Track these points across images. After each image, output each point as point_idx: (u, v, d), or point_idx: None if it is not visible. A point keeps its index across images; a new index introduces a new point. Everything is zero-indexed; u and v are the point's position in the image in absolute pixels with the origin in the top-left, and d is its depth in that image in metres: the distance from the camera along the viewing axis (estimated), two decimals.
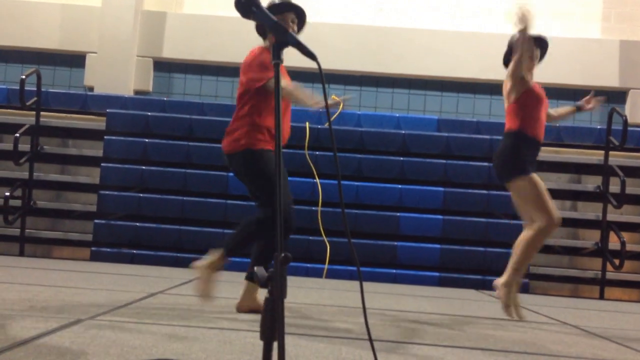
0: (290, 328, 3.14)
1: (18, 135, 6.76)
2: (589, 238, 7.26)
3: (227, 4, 7.99)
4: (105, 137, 7.22)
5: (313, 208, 6.87)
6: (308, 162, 7.01)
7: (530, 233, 4.11)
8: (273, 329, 1.53)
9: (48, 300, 3.55)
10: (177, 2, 8.48)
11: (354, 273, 6.65)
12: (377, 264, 6.79)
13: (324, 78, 1.96)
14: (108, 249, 6.89)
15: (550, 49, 4.41)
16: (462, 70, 8.19)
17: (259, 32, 3.72)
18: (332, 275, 6.68)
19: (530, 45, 4.08)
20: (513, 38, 4.26)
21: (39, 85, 7.22)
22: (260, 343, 1.56)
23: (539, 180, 4.12)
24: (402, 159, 7.14)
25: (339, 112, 7.61)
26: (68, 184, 7.41)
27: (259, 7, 1.98)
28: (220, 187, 7.01)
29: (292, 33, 1.87)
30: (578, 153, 7.47)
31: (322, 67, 1.90)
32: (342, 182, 6.90)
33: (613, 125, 7.17)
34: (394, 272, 6.79)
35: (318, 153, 7.08)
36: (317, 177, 6.96)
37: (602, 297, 6.96)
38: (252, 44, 3.76)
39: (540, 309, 5.01)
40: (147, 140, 7.17)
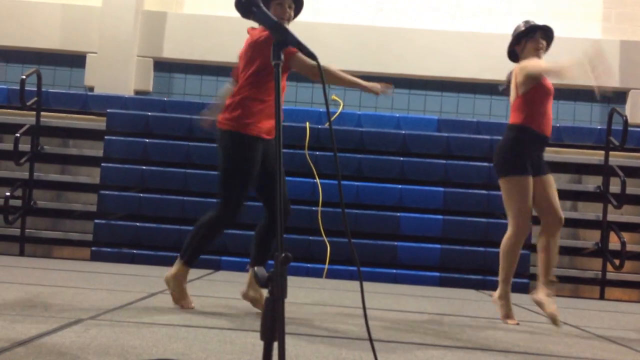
0: (291, 328, 3.14)
1: (18, 135, 6.77)
2: (589, 238, 7.26)
3: (227, 4, 7.97)
4: (106, 137, 7.22)
5: (313, 208, 6.87)
6: (308, 162, 7.00)
7: (507, 246, 4.09)
8: (273, 329, 1.53)
9: (48, 300, 3.55)
10: (177, 2, 8.48)
11: (354, 273, 6.65)
12: (377, 264, 6.79)
13: (324, 78, 1.96)
14: (108, 249, 6.89)
15: (551, 49, 4.40)
16: (462, 71, 8.18)
17: (240, 10, 3.63)
18: (332, 276, 6.67)
19: (568, 72, 3.85)
20: (518, 28, 4.20)
21: (40, 85, 7.23)
22: (261, 343, 1.57)
23: (528, 187, 3.99)
24: (402, 159, 7.14)
25: (339, 112, 7.61)
26: (68, 184, 7.41)
27: (259, 7, 1.98)
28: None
29: (292, 33, 1.87)
30: (578, 153, 7.47)
31: (322, 66, 1.90)
32: (342, 182, 6.89)
33: (613, 126, 7.16)
34: (394, 272, 6.79)
35: (318, 153, 7.08)
36: (317, 177, 6.96)
37: (602, 297, 6.96)
38: None
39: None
40: (147, 140, 7.17)
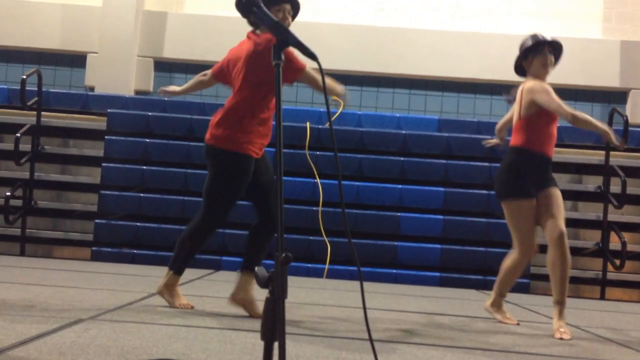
0: (291, 328, 3.14)
1: (19, 135, 6.77)
2: (590, 238, 7.26)
3: (227, 4, 7.98)
4: (106, 137, 7.22)
5: (314, 208, 6.87)
6: (309, 162, 7.01)
7: (509, 263, 4.03)
8: (274, 329, 1.53)
9: (49, 300, 3.56)
10: (177, 2, 8.48)
11: (355, 273, 6.65)
12: (377, 264, 6.79)
13: (325, 78, 1.96)
14: (109, 249, 6.89)
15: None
16: (462, 71, 8.18)
17: (252, 22, 3.57)
18: (332, 276, 6.67)
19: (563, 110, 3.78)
20: (525, 43, 4.12)
21: (40, 85, 7.23)
22: (261, 343, 1.57)
23: (530, 210, 3.86)
24: (402, 159, 7.14)
25: (340, 112, 7.61)
26: (69, 184, 7.41)
27: (260, 7, 1.98)
28: None
29: (292, 33, 1.87)
30: (579, 153, 7.47)
31: (322, 67, 1.90)
32: (342, 182, 6.89)
33: (614, 126, 7.16)
34: (395, 272, 6.79)
35: (319, 153, 7.08)
36: (317, 177, 6.96)
37: (602, 297, 6.96)
38: None
39: (541, 309, 5.01)
40: (147, 140, 7.17)
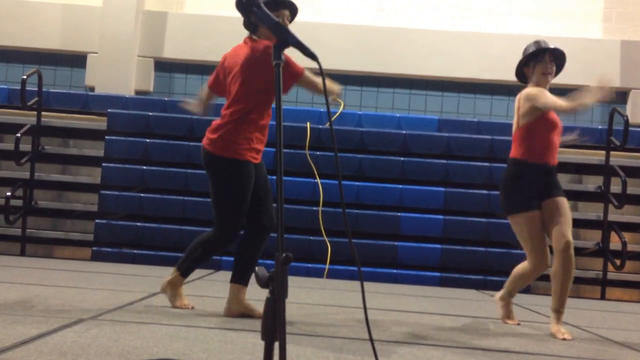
0: (292, 328, 3.14)
1: (19, 135, 6.77)
2: (590, 238, 7.26)
3: (228, 4, 7.98)
4: (106, 137, 7.22)
5: (314, 208, 6.87)
6: (309, 162, 7.00)
7: (520, 269, 3.97)
8: (274, 329, 1.53)
9: (49, 300, 3.56)
10: (178, 2, 8.48)
11: (355, 273, 6.65)
12: (378, 264, 6.79)
13: (325, 78, 1.96)
14: (109, 249, 6.89)
15: None
16: (462, 71, 8.18)
17: (248, 27, 3.57)
18: (333, 276, 6.67)
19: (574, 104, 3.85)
20: (527, 49, 4.12)
21: (40, 85, 7.23)
22: (262, 343, 1.57)
23: (536, 221, 3.82)
24: (402, 159, 7.13)
25: (340, 112, 7.61)
26: (69, 184, 7.41)
27: (260, 7, 1.98)
28: None
29: (293, 33, 1.87)
30: (579, 153, 7.46)
31: (323, 67, 1.90)
32: (342, 182, 6.89)
33: (614, 126, 7.16)
34: (395, 272, 6.78)
35: (319, 153, 7.08)
36: (317, 177, 6.96)
37: (603, 297, 6.96)
38: None
39: (541, 309, 5.01)
40: (148, 140, 7.17)
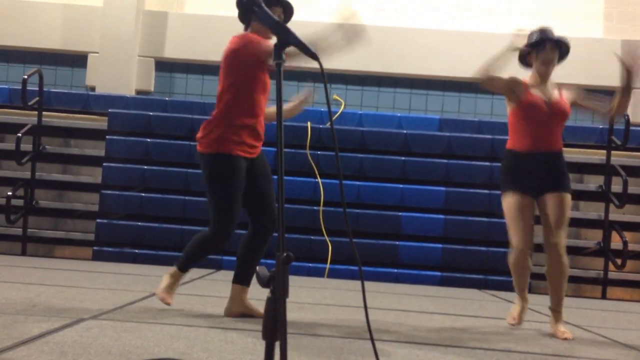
0: (292, 328, 3.14)
1: (20, 135, 6.77)
2: (591, 238, 7.25)
3: (228, 4, 7.95)
4: (107, 136, 7.22)
5: (315, 208, 6.87)
6: (310, 161, 7.00)
7: (509, 256, 3.98)
8: (275, 329, 1.53)
9: (50, 300, 3.56)
10: (178, 2, 8.48)
11: (356, 273, 6.65)
12: (378, 264, 6.79)
13: (326, 77, 1.96)
14: (110, 249, 6.90)
15: None
16: (463, 70, 8.14)
17: (242, 19, 3.52)
18: (333, 275, 6.67)
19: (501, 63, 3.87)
20: (531, 36, 4.05)
21: (41, 85, 7.23)
22: (262, 343, 1.57)
23: (515, 205, 3.80)
24: (403, 159, 7.13)
25: (341, 111, 7.61)
26: (70, 184, 7.41)
27: (260, 6, 1.98)
28: None
29: (294, 33, 1.86)
30: (580, 153, 7.45)
31: (323, 66, 1.90)
32: (343, 181, 6.88)
33: (615, 125, 7.16)
34: (396, 271, 6.78)
35: (320, 153, 7.08)
36: (318, 176, 6.96)
37: (604, 296, 6.95)
38: None
39: (543, 309, 5.00)
40: (148, 140, 7.17)
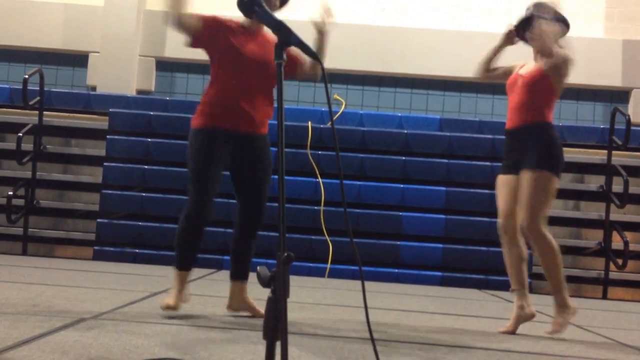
0: (293, 328, 3.14)
1: (21, 135, 6.78)
2: (592, 238, 7.25)
3: (229, 4, 7.96)
4: (108, 136, 7.22)
5: (315, 207, 6.87)
6: (310, 161, 7.00)
7: None
8: (276, 329, 1.53)
9: (51, 300, 3.56)
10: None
11: (357, 272, 6.64)
12: (379, 264, 6.79)
13: (327, 77, 1.96)
14: (111, 248, 6.90)
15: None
16: (464, 70, 8.14)
17: (242, 9, 3.55)
18: (334, 275, 6.67)
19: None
20: (526, 12, 3.96)
21: (42, 85, 7.23)
22: (263, 342, 1.57)
23: (498, 183, 3.90)
24: (404, 159, 7.13)
25: (341, 111, 7.61)
26: (71, 184, 7.42)
27: (262, 6, 1.98)
28: (223, 186, 6.99)
29: (295, 32, 1.86)
30: (581, 152, 7.45)
31: (324, 66, 1.90)
32: (344, 181, 6.85)
33: (616, 125, 7.15)
34: (397, 271, 6.78)
35: (320, 152, 7.08)
36: (319, 176, 6.96)
37: (605, 296, 6.95)
38: None
39: (543, 309, 5.00)
40: (149, 140, 7.17)
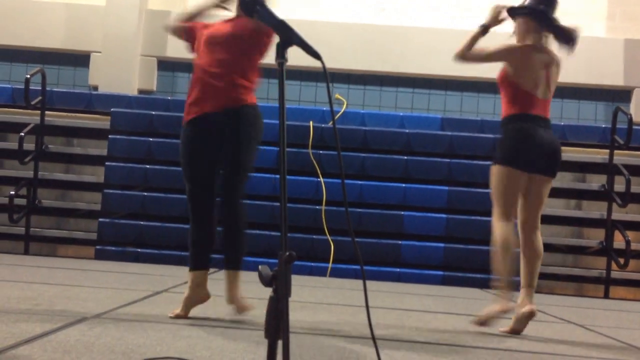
0: (294, 327, 3.15)
1: (23, 135, 6.78)
2: (594, 237, 7.24)
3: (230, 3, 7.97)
4: (110, 136, 7.23)
5: (317, 207, 6.87)
6: (312, 161, 7.00)
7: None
8: (278, 328, 1.53)
9: (53, 299, 3.57)
10: (181, 1, 8.48)
11: (358, 272, 6.65)
12: (381, 263, 6.79)
13: (328, 77, 1.96)
14: (112, 248, 6.90)
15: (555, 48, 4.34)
16: (466, 69, 8.13)
17: (244, 8, 3.54)
18: (336, 274, 6.67)
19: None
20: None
21: (44, 85, 7.24)
22: (265, 341, 1.57)
23: None
24: (406, 158, 7.13)
25: (343, 111, 7.61)
26: (73, 183, 7.42)
27: (263, 5, 1.98)
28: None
29: (296, 32, 1.87)
30: (582, 152, 7.45)
31: (326, 65, 1.90)
32: (345, 181, 6.89)
33: (618, 124, 7.14)
34: (398, 270, 6.78)
35: (322, 152, 7.08)
36: (321, 176, 6.96)
37: (606, 296, 6.95)
38: None
39: (545, 308, 5.00)
40: (151, 139, 7.17)
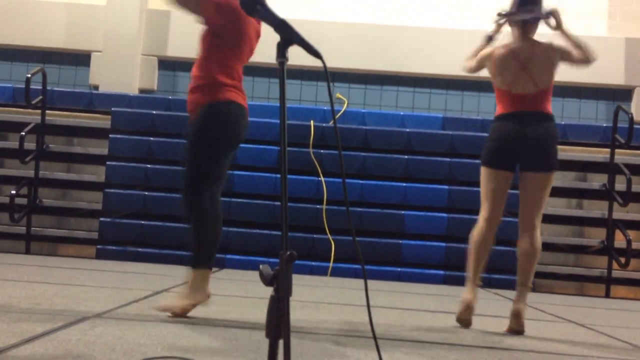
0: (296, 326, 3.15)
1: (24, 134, 6.78)
2: (595, 236, 7.24)
3: None
4: (111, 135, 7.23)
5: (318, 206, 6.87)
6: (313, 160, 7.00)
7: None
8: (279, 327, 1.53)
9: (54, 298, 3.57)
10: None
11: (359, 271, 6.65)
12: (381, 262, 6.79)
13: (329, 76, 1.96)
14: (113, 247, 6.90)
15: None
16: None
17: (245, 8, 3.53)
18: (336, 273, 6.67)
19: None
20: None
21: (45, 84, 7.24)
22: (266, 341, 1.57)
23: None
24: (406, 157, 7.13)
25: (344, 110, 7.61)
26: (73, 182, 7.43)
27: (264, 5, 1.98)
28: (225, 185, 7.00)
29: (297, 31, 1.86)
30: (583, 151, 7.44)
31: (326, 65, 1.90)
32: (346, 180, 6.89)
33: (619, 123, 7.13)
34: (399, 270, 6.78)
35: (323, 151, 7.08)
36: (321, 175, 6.96)
37: (607, 295, 6.94)
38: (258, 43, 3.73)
39: (546, 307, 5.00)
40: (152, 139, 7.17)
